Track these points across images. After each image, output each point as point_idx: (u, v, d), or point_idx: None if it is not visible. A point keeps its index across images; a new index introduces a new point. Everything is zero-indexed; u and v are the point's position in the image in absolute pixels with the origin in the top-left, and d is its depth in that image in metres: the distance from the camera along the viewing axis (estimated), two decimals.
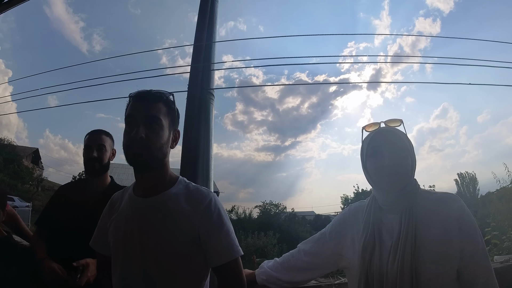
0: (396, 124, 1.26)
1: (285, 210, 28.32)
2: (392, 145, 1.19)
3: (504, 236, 3.31)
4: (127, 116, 1.17)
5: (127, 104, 1.21)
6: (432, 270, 1.07)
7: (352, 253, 1.23)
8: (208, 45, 2.34)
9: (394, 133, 1.23)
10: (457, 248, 1.10)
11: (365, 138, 1.29)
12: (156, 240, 1.12)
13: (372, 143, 1.24)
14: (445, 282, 1.08)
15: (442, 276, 1.08)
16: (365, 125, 1.30)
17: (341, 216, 1.39)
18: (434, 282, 1.07)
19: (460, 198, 1.19)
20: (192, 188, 1.22)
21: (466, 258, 1.10)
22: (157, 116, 1.15)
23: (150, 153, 1.12)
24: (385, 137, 1.22)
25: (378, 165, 1.20)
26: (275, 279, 1.47)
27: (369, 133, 1.28)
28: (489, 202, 10.72)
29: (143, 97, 1.18)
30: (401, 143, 1.20)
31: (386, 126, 1.26)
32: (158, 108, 1.17)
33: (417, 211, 1.16)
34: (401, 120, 1.26)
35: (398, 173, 1.16)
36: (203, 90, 2.14)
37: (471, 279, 1.10)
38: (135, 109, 1.16)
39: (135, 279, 1.12)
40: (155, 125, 1.14)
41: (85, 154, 1.90)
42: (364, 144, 1.28)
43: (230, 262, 1.15)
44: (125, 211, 1.22)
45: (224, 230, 1.17)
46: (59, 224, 1.80)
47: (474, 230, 1.13)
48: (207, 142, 2.00)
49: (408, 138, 1.23)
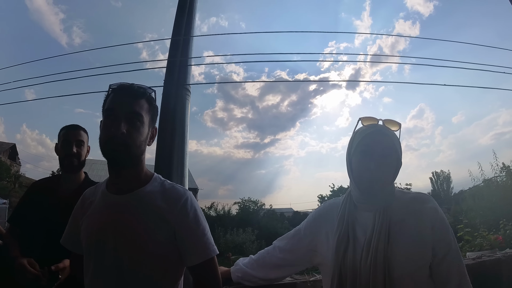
0: (394, 127, 1.23)
1: (264, 207, 28.63)
2: (382, 150, 1.17)
3: (476, 233, 3.42)
4: (107, 109, 1.13)
5: (107, 95, 1.17)
6: (405, 267, 1.08)
7: (326, 249, 1.23)
8: (185, 40, 2.28)
9: (388, 136, 1.20)
10: (429, 246, 1.11)
11: (357, 131, 1.26)
12: (130, 239, 1.08)
13: (364, 141, 1.20)
14: (418, 279, 1.10)
15: (415, 273, 1.09)
16: (363, 117, 1.25)
17: (315, 212, 1.38)
18: (406, 279, 1.07)
19: (433, 199, 1.20)
20: (168, 186, 1.20)
21: (439, 257, 1.12)
22: (140, 112, 1.13)
23: (130, 150, 1.10)
24: (379, 140, 1.19)
25: (363, 165, 1.18)
26: (250, 276, 1.46)
27: (363, 127, 1.24)
28: (462, 200, 11.12)
29: (126, 91, 1.15)
30: (391, 149, 1.18)
31: (384, 125, 1.23)
32: (141, 104, 1.15)
33: (391, 210, 1.16)
34: (400, 124, 1.23)
35: (380, 180, 1.16)
36: (179, 85, 2.09)
37: (444, 277, 1.12)
38: (116, 103, 1.13)
39: (108, 277, 1.09)
40: (136, 121, 1.12)
41: (62, 149, 1.85)
42: (356, 137, 1.24)
43: (206, 261, 1.14)
44: (98, 208, 1.18)
45: (200, 230, 1.15)
46: (32, 221, 1.75)
47: (446, 229, 1.15)
48: (182, 138, 1.96)
49: (400, 145, 1.21)
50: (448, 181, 27.94)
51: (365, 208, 1.20)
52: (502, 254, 2.31)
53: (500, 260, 2.17)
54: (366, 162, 1.17)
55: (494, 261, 2.16)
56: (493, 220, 5.08)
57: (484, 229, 3.56)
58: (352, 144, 1.24)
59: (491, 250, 2.59)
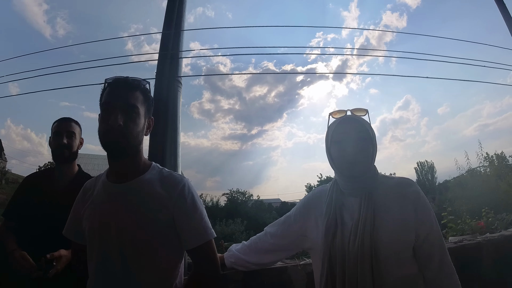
0: (361, 113, 1.31)
1: (252, 198, 28.82)
2: (355, 134, 1.25)
3: (460, 220, 3.53)
4: (104, 103, 1.18)
5: (103, 89, 1.21)
6: (390, 248, 1.14)
7: (315, 234, 1.28)
8: (176, 33, 2.30)
9: (358, 122, 1.28)
10: (412, 228, 1.18)
11: (331, 124, 1.34)
12: (132, 225, 1.13)
13: (338, 130, 1.29)
14: (402, 259, 1.16)
15: (399, 254, 1.15)
16: (332, 112, 1.34)
17: (305, 199, 1.44)
18: (392, 259, 1.14)
19: (415, 183, 1.27)
20: (166, 174, 1.25)
21: (421, 237, 1.18)
22: (135, 104, 1.18)
23: (127, 140, 1.15)
24: (350, 126, 1.27)
25: (341, 152, 1.25)
26: (243, 261, 1.51)
27: (335, 120, 1.33)
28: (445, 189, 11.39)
29: (121, 84, 1.19)
30: (364, 132, 1.26)
31: (352, 114, 1.31)
32: (136, 96, 1.19)
33: (376, 194, 1.23)
34: (367, 110, 1.31)
35: (359, 161, 1.22)
36: (171, 78, 2.11)
37: (426, 257, 1.19)
38: (112, 96, 1.17)
39: (112, 264, 1.13)
40: (132, 113, 1.16)
41: (54, 141, 1.87)
42: (330, 130, 1.32)
43: (205, 244, 1.19)
44: (99, 197, 1.22)
45: (198, 213, 1.20)
46: (27, 215, 1.76)
47: (428, 211, 1.22)
48: (175, 129, 1.99)
49: (371, 127, 1.29)
50: (433, 171, 28.36)
51: (350, 193, 1.26)
52: (482, 238, 2.40)
53: (481, 244, 2.25)
54: (342, 148, 1.25)
55: (474, 245, 2.24)
56: (477, 208, 5.25)
57: (467, 216, 3.69)
58: (327, 137, 1.32)
59: (472, 234, 2.70)
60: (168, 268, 1.20)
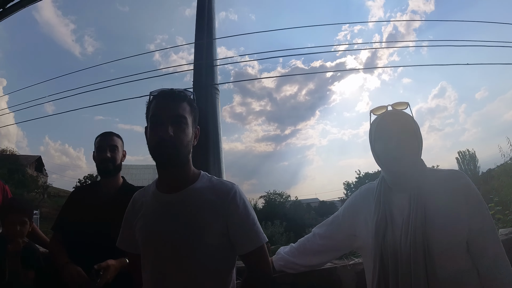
0: (402, 107, 1.30)
1: (290, 199, 28.56)
2: (399, 128, 1.24)
3: (508, 211, 3.36)
4: (152, 115, 1.20)
5: (148, 102, 1.25)
6: (443, 244, 1.12)
7: (365, 233, 1.28)
8: (208, 42, 2.37)
9: (401, 116, 1.28)
10: (465, 222, 1.15)
11: (373, 121, 1.34)
12: (186, 234, 1.15)
13: (380, 127, 1.29)
14: (456, 254, 1.14)
15: (453, 249, 1.14)
16: (373, 109, 1.35)
17: (352, 198, 1.44)
18: (445, 255, 1.12)
19: (465, 175, 1.24)
20: (216, 182, 1.27)
21: (474, 231, 1.16)
22: (184, 115, 1.20)
23: (179, 151, 1.17)
24: (392, 120, 1.27)
25: (385, 148, 1.25)
26: (292, 263, 1.52)
27: (376, 116, 1.33)
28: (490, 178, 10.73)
29: (168, 96, 1.22)
30: (407, 125, 1.25)
31: (393, 109, 1.31)
32: (183, 107, 1.21)
33: (425, 189, 1.21)
34: (407, 103, 1.30)
35: (404, 155, 1.21)
36: (208, 86, 2.16)
37: (480, 250, 1.16)
38: (161, 108, 1.19)
39: (167, 273, 1.16)
40: (182, 123, 1.19)
41: (97, 155, 1.92)
42: (372, 127, 1.33)
43: (258, 248, 1.21)
44: (151, 208, 1.25)
45: (251, 219, 1.22)
46: (75, 228, 1.81)
47: (480, 204, 1.19)
48: (216, 135, 2.04)
49: (414, 120, 1.28)
50: (474, 160, 26.79)
51: (399, 189, 1.25)
52: None
53: None
54: (386, 143, 1.24)
55: None
56: None
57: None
58: (371, 135, 1.33)
59: None
60: (223, 274, 1.22)
